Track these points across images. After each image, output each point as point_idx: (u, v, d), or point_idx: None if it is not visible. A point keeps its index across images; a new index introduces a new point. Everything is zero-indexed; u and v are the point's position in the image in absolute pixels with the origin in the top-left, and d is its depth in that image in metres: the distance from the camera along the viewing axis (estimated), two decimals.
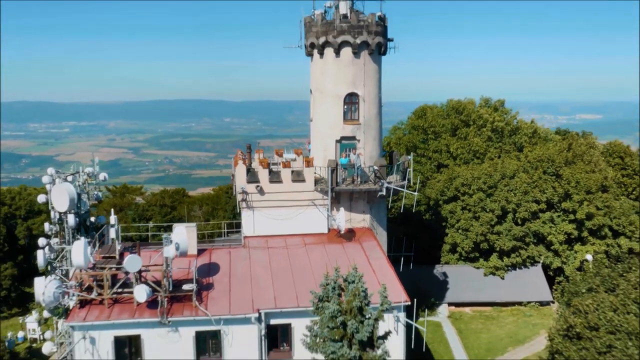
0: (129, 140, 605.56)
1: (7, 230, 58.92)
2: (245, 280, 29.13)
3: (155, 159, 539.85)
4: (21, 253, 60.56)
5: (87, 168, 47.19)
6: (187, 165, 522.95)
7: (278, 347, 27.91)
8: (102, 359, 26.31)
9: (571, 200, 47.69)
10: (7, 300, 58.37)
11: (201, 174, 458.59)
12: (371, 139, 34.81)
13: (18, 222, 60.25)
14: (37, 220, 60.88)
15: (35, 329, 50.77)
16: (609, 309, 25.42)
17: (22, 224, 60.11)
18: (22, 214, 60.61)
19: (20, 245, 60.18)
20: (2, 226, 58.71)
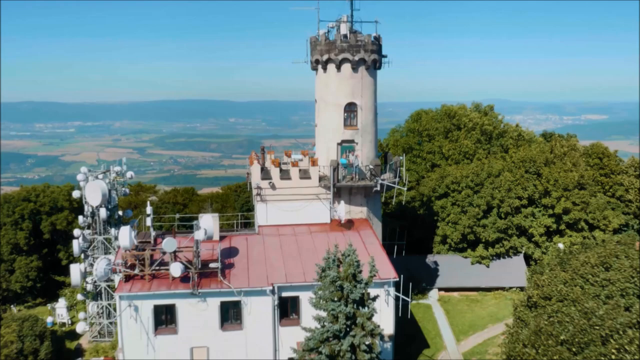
0: (134, 141, 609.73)
1: (32, 225, 64.38)
2: (260, 261, 35.06)
3: (161, 159, 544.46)
4: (45, 246, 66.03)
5: (116, 167, 53.35)
6: (192, 166, 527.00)
7: (288, 316, 33.78)
8: (144, 323, 32.18)
9: (550, 197, 53.34)
10: (32, 291, 63.83)
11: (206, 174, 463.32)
12: (368, 142, 40.70)
13: (43, 217, 65.36)
14: (60, 216, 66.02)
15: (64, 314, 56.32)
16: (560, 282, 31.16)
17: (46, 220, 65.26)
18: (46, 210, 65.81)
19: (44, 239, 65.52)
20: (28, 221, 63.99)
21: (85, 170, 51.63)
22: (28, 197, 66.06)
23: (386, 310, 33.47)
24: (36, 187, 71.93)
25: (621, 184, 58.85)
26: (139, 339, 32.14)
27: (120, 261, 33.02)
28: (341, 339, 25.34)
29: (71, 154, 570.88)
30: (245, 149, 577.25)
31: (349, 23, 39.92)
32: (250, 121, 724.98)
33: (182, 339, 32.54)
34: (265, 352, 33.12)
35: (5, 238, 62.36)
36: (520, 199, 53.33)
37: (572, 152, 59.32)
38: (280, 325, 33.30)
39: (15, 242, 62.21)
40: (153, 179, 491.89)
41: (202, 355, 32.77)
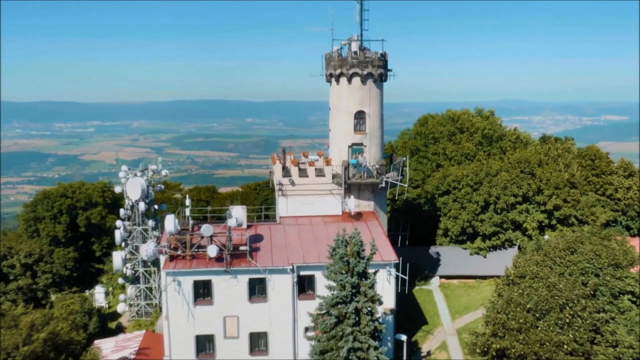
0: (152, 140, 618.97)
1: (69, 220, 71.55)
2: (281, 245, 41.85)
3: (178, 158, 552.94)
4: (81, 239, 73.27)
5: (152, 166, 60.54)
6: (209, 165, 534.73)
7: (305, 291, 40.43)
8: (185, 296, 39.06)
9: (542, 195, 59.51)
10: (69, 280, 70.94)
11: (223, 173, 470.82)
12: (375, 145, 47.31)
13: (79, 212, 72.53)
14: (95, 211, 73.14)
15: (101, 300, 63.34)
16: (533, 263, 37.48)
17: (82, 214, 72.39)
18: (81, 205, 72.91)
19: (80, 233, 72.77)
20: (66, 216, 71.21)
21: (126, 169, 58.81)
22: (65, 194, 73.07)
23: (388, 287, 40.02)
24: (72, 184, 79.09)
25: (611, 184, 64.82)
26: (181, 308, 39.07)
27: (166, 244, 39.94)
28: (347, 303, 31.98)
29: (90, 153, 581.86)
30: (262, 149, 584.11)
31: (359, 41, 46.52)
32: (267, 121, 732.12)
33: (216, 309, 39.43)
34: (286, 321, 39.88)
35: (45, 231, 69.50)
36: (515, 196, 59.52)
37: (566, 154, 65.40)
38: (299, 299, 39.99)
39: (54, 235, 69.30)
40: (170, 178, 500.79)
41: (233, 324, 39.63)
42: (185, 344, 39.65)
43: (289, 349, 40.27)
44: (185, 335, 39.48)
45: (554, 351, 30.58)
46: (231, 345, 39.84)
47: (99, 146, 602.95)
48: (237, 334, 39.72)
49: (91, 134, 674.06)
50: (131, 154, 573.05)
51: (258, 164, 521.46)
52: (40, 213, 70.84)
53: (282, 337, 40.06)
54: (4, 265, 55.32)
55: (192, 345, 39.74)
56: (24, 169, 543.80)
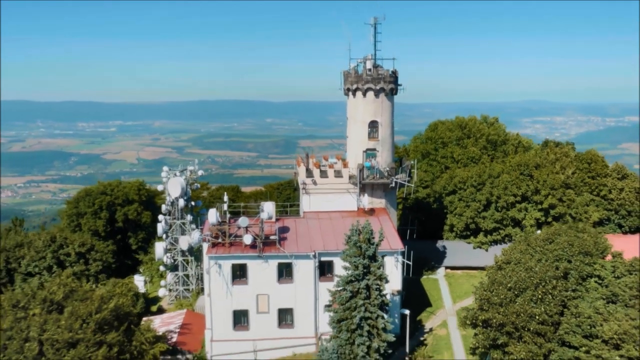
0: (173, 140, 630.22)
1: (109, 215, 79.99)
2: (305, 235, 49.82)
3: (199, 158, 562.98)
4: (118, 233, 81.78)
5: (190, 167, 68.90)
6: (229, 165, 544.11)
7: (325, 274, 48.30)
8: (225, 277, 47.15)
9: (539, 194, 66.68)
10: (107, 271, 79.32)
11: (243, 173, 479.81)
12: (386, 150, 55.06)
13: (117, 208, 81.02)
14: (131, 208, 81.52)
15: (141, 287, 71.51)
16: (518, 251, 44.92)
17: (120, 210, 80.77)
18: (119, 202, 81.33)
19: (117, 227, 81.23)
20: (105, 212, 79.76)
21: (167, 169, 67.26)
22: (105, 191, 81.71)
23: (395, 272, 47.75)
24: (111, 182, 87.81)
25: (605, 185, 71.66)
26: (221, 287, 47.23)
27: (209, 233, 48.13)
28: (360, 281, 39.80)
29: (112, 152, 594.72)
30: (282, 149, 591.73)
31: (373, 60, 54.32)
32: (286, 121, 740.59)
33: (250, 288, 47.53)
34: (309, 299, 47.83)
35: (87, 225, 78.14)
36: (515, 196, 66.73)
37: (564, 157, 72.46)
38: (319, 280, 47.91)
39: (95, 229, 77.89)
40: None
41: (264, 300, 47.72)
42: (224, 318, 47.83)
43: (311, 323, 48.26)
44: (225, 310, 47.65)
45: (527, 321, 38.11)
46: (262, 319, 47.95)
47: (120, 145, 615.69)
48: (267, 309, 47.81)
49: (113, 134, 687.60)
50: (152, 153, 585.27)
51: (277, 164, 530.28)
52: (82, 209, 79.15)
53: (305, 313, 48.06)
54: (61, 253, 63.90)
55: (230, 319, 47.92)
56: (48, 167, 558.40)
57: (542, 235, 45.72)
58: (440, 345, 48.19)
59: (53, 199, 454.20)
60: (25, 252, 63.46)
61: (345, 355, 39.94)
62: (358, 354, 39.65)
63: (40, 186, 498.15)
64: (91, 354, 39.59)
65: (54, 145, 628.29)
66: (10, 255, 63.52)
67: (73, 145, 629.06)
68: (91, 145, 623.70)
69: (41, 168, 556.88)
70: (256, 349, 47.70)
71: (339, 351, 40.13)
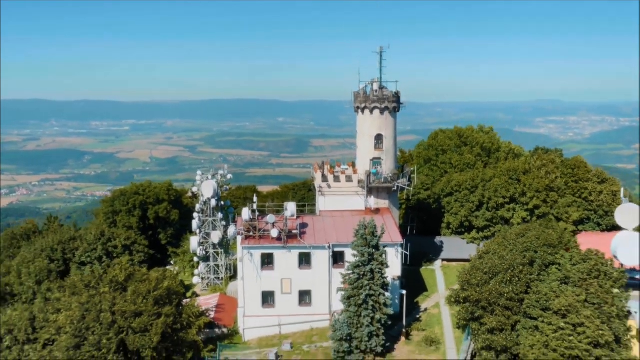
0: (186, 139, 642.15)
1: (141, 213, 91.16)
2: (321, 230, 60.95)
3: (211, 157, 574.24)
4: (150, 229, 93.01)
5: (220, 171, 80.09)
6: (241, 164, 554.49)
7: (337, 262, 59.36)
8: (255, 264, 58.36)
9: (526, 197, 77.33)
10: (140, 264, 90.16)
11: (255, 172, 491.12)
12: (389, 159, 66.07)
13: (149, 207, 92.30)
14: (162, 207, 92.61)
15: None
16: (496, 244, 55.77)
17: (151, 209, 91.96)
18: (151, 201, 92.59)
19: (149, 224, 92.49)
20: (139, 210, 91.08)
21: (200, 173, 78.51)
22: (138, 191, 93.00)
23: (395, 260, 58.71)
24: (143, 183, 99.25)
25: (586, 188, 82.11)
26: (252, 272, 58.48)
27: (242, 228, 59.39)
28: (365, 266, 50.85)
29: (125, 151, 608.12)
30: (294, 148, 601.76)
31: (379, 82, 65.29)
32: (298, 120, 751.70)
33: (276, 274, 58.76)
34: (324, 282, 58.97)
35: (122, 222, 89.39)
36: (504, 197, 77.41)
37: (550, 164, 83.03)
38: (333, 267, 58.99)
39: (129, 225, 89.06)
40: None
41: (287, 283, 58.88)
42: (255, 298, 59.09)
43: (325, 302, 59.40)
44: (255, 291, 58.92)
45: (498, 298, 48.98)
46: (286, 299, 59.15)
47: (133, 144, 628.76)
48: (290, 290, 59.00)
49: (126, 133, 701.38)
50: (165, 152, 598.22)
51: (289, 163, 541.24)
52: (117, 207, 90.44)
53: (321, 294, 59.23)
54: (109, 245, 75.37)
55: (259, 298, 59.18)
56: (62, 166, 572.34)
57: (516, 231, 56.62)
58: (432, 321, 59.16)
59: (67, 197, 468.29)
60: (79, 245, 74.92)
61: (354, 325, 51.10)
62: (363, 324, 50.83)
63: (55, 184, 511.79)
64: (152, 322, 50.92)
65: (68, 143, 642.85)
66: (66, 247, 75.00)
67: (87, 144, 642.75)
68: (105, 144, 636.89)
69: (55, 166, 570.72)
70: (280, 324, 58.89)
71: (349, 322, 51.29)
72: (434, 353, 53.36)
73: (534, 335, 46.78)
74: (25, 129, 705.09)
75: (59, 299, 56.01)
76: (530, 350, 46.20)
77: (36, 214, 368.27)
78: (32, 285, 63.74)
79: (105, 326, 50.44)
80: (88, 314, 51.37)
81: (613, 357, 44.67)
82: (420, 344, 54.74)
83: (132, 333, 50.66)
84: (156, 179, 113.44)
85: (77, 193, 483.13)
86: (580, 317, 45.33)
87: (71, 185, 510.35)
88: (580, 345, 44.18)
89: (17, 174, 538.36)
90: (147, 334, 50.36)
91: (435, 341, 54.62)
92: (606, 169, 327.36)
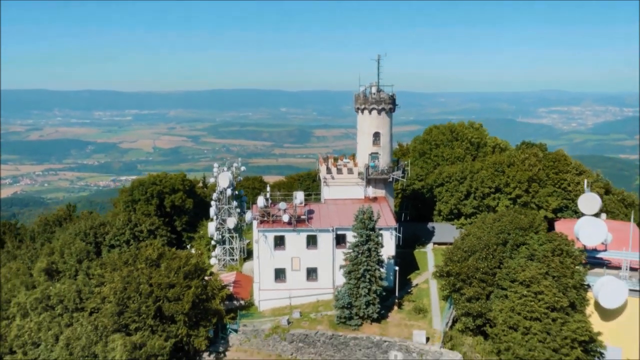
0: (189, 129, 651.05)
1: (158, 202, 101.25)
2: (326, 216, 71.25)
3: (214, 147, 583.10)
4: (166, 217, 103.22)
5: (235, 164, 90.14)
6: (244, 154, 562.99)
7: (340, 244, 69.60)
8: (269, 244, 68.67)
9: (509, 187, 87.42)
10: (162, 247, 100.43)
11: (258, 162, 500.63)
12: (386, 153, 76.18)
13: (165, 196, 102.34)
14: (177, 196, 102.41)
15: None
16: (476, 227, 66.00)
17: (168, 198, 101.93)
18: (167, 191, 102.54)
19: (166, 212, 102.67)
20: (156, 199, 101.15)
21: (217, 166, 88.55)
22: (155, 182, 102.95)
23: (390, 242, 68.95)
24: (159, 174, 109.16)
25: (565, 180, 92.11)
26: (267, 252, 68.80)
27: (257, 214, 69.65)
28: (363, 245, 61.13)
29: (128, 141, 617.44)
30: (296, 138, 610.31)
31: (377, 86, 75.28)
32: (301, 110, 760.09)
33: (287, 253, 69.07)
34: (328, 261, 69.28)
35: (140, 210, 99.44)
36: (490, 187, 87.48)
37: (532, 157, 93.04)
38: (336, 248, 69.23)
39: (147, 213, 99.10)
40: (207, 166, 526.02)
41: (296, 262, 69.19)
42: (268, 274, 69.44)
43: (329, 278, 69.75)
44: (269, 268, 69.24)
45: (474, 271, 59.28)
46: (295, 275, 69.50)
47: (136, 134, 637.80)
48: (299, 268, 69.34)
49: (129, 123, 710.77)
50: (168, 142, 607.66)
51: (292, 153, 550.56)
52: (136, 196, 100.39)
53: (326, 271, 69.55)
54: (136, 230, 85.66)
55: (272, 274, 69.53)
56: (65, 156, 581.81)
57: (493, 216, 66.88)
58: (421, 294, 69.56)
59: (71, 187, 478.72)
60: (109, 229, 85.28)
61: (353, 295, 61.53)
62: (362, 294, 61.24)
63: (58, 174, 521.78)
64: (184, 292, 61.33)
65: (71, 133, 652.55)
66: (97, 231, 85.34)
67: (90, 133, 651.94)
68: (108, 134, 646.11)
69: (58, 156, 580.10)
70: (291, 296, 69.22)
71: (349, 292, 61.71)
72: (422, 320, 63.80)
73: (503, 302, 57.18)
74: (28, 118, 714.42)
75: (102, 274, 66.54)
76: (499, 314, 56.60)
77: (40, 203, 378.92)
78: (74, 263, 74.13)
79: (144, 295, 60.93)
80: (129, 285, 61.82)
81: (567, 319, 54.97)
82: (410, 312, 65.16)
83: (167, 301, 61.23)
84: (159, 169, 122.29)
85: (80, 183, 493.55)
86: (540, 286, 55.65)
87: (74, 175, 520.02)
88: (539, 309, 54.54)
89: (20, 164, 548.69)
90: (180, 302, 60.95)
91: (423, 310, 65.02)
92: (608, 160, 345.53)
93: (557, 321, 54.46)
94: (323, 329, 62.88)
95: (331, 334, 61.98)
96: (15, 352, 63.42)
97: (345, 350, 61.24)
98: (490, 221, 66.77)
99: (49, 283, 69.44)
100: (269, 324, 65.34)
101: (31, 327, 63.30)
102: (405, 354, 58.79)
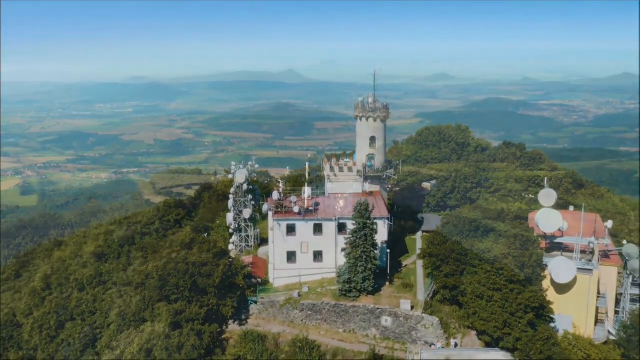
0: (190, 122, 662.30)
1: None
2: (330, 207, 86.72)
3: (215, 139, 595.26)
4: (183, 207, 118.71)
5: (250, 162, 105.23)
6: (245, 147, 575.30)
7: (341, 231, 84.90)
8: (282, 231, 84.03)
9: (489, 182, 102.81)
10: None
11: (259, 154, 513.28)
12: (380, 155, 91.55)
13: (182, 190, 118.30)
14: (194, 189, 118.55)
15: None
16: (453, 217, 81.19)
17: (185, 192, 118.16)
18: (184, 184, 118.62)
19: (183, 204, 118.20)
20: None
21: (234, 163, 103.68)
22: (173, 177, 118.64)
23: (383, 229, 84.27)
24: (177, 169, 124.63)
25: (539, 176, 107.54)
26: (280, 237, 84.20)
27: (272, 205, 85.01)
28: (361, 231, 76.54)
29: (129, 133, 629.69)
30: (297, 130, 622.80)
31: (373, 97, 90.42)
32: (302, 102, 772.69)
33: (297, 239, 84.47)
34: (332, 245, 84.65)
35: (161, 203, 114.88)
36: (472, 183, 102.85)
37: (511, 156, 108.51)
38: (338, 234, 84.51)
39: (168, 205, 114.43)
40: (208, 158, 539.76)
41: (305, 246, 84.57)
42: (281, 256, 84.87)
43: (332, 259, 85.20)
44: (282, 251, 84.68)
45: (451, 253, 74.72)
46: (304, 257, 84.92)
47: (137, 127, 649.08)
48: (307, 251, 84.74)
49: (130, 115, 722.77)
50: (169, 134, 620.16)
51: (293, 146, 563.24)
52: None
53: (329, 253, 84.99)
54: (164, 219, 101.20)
55: (285, 257, 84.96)
56: (67, 148, 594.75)
57: (468, 208, 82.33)
58: (409, 273, 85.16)
59: (73, 179, 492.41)
60: (140, 219, 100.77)
61: (352, 272, 77.17)
62: (359, 271, 76.80)
63: (60, 166, 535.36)
64: (214, 269, 76.80)
65: (72, 125, 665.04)
66: (130, 221, 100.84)
67: (91, 126, 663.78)
68: (109, 126, 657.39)
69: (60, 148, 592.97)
70: (300, 275, 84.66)
71: (349, 270, 77.35)
72: (408, 292, 79.40)
73: (473, 277, 72.66)
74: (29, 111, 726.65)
75: (145, 256, 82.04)
76: (469, 286, 72.16)
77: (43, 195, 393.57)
78: (117, 247, 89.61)
79: (181, 272, 76.29)
80: (168, 264, 77.16)
81: (522, 290, 70.46)
82: (399, 287, 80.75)
83: (200, 277, 76.56)
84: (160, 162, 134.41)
85: (82, 175, 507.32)
86: (502, 264, 71.12)
87: (76, 167, 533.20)
88: (500, 281, 70.07)
89: (22, 156, 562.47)
90: (211, 277, 76.43)
91: (409, 285, 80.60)
92: (609, 152, 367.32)
93: (514, 291, 70.01)
94: (328, 300, 78.48)
95: (334, 303, 77.61)
96: (75, 319, 78.97)
97: (346, 316, 76.96)
98: (466, 212, 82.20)
99: (99, 263, 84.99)
100: (282, 296, 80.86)
101: (88, 299, 78.95)
102: (394, 319, 74.49)
